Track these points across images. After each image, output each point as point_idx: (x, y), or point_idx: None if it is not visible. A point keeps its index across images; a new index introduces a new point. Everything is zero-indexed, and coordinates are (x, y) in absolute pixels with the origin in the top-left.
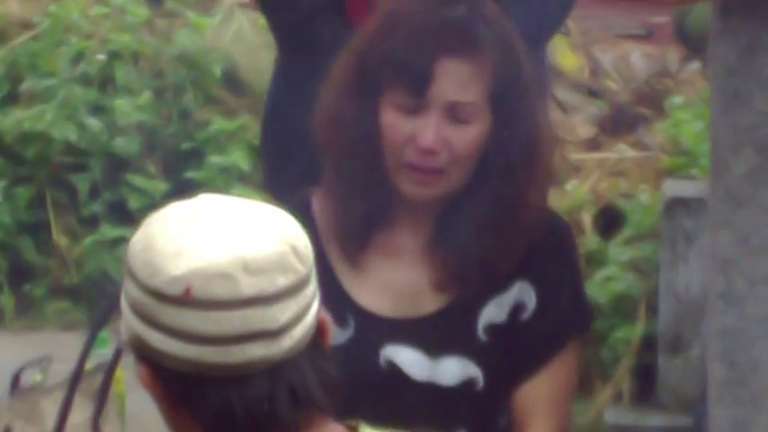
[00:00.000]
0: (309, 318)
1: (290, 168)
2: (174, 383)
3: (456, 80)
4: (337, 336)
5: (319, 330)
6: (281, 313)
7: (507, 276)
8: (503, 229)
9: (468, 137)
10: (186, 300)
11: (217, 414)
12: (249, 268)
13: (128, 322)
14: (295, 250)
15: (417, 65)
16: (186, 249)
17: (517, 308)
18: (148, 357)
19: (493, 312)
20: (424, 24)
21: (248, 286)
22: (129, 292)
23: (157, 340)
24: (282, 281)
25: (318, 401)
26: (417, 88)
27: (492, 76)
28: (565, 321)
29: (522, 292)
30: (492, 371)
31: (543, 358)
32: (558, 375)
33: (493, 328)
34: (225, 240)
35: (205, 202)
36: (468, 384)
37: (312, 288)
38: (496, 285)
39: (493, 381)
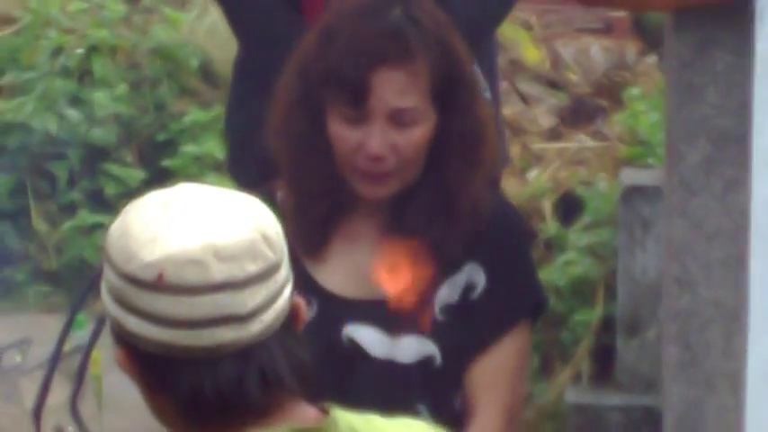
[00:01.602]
0: (281, 303)
1: (250, 156)
2: (150, 366)
3: (394, 88)
4: (305, 312)
5: (293, 314)
6: (250, 298)
7: (458, 259)
8: (450, 216)
9: (412, 139)
10: (159, 285)
11: (189, 395)
12: (220, 255)
13: (106, 307)
14: (266, 238)
15: (355, 77)
16: (160, 236)
17: (468, 288)
18: (126, 341)
19: (447, 293)
20: (358, 37)
21: (219, 272)
22: (107, 277)
23: (133, 324)
24: (252, 267)
25: (288, 384)
26: (358, 100)
27: (430, 78)
28: (514, 302)
29: (473, 273)
30: (448, 349)
31: (493, 336)
32: (508, 354)
33: (447, 308)
34: (197, 228)
35: (180, 191)
36: (425, 362)
37: (284, 274)
38: (449, 269)
39: (449, 358)
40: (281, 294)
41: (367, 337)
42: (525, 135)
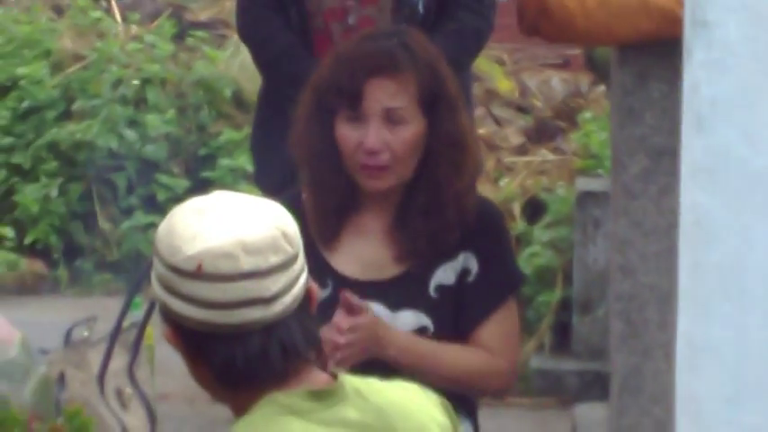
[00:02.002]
0: (297, 288)
1: (271, 169)
2: (191, 340)
3: (386, 92)
4: (319, 295)
5: (308, 297)
6: (273, 284)
7: (453, 248)
8: (443, 212)
9: (404, 136)
10: (198, 274)
11: (223, 364)
12: (248, 249)
13: (155, 292)
14: (285, 234)
15: (353, 84)
16: (199, 234)
17: (463, 273)
18: (171, 319)
19: (442, 276)
20: (357, 55)
21: (247, 263)
22: (156, 268)
23: (177, 306)
24: (274, 259)
25: (304, 354)
26: (355, 102)
27: (417, 88)
28: (502, 281)
29: (467, 261)
30: (440, 321)
31: (489, 308)
32: (506, 320)
33: (442, 288)
34: (229, 227)
35: (215, 198)
36: (420, 331)
37: (300, 264)
38: (443, 255)
39: (441, 328)
40: (297, 281)
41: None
42: (498, 150)
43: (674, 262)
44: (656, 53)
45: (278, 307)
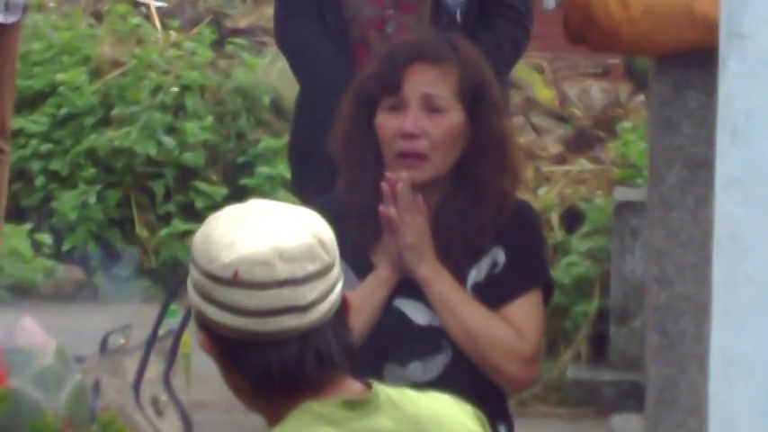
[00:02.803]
0: (333, 296)
1: (310, 177)
2: (226, 348)
3: (426, 78)
4: (354, 304)
5: (343, 307)
6: (309, 292)
7: (486, 246)
8: (482, 213)
9: (443, 125)
10: (235, 281)
11: (258, 372)
12: (284, 256)
13: (191, 299)
14: (321, 242)
15: (393, 70)
16: (235, 242)
17: (492, 266)
18: (207, 327)
19: (475, 274)
20: (400, 44)
21: (283, 270)
22: (192, 275)
23: (213, 313)
24: (310, 267)
25: (339, 363)
26: (395, 88)
27: (458, 80)
28: (528, 273)
29: (496, 255)
30: None
31: (514, 294)
32: (530, 309)
33: (476, 287)
34: (265, 234)
35: (251, 206)
36: None
37: (336, 272)
38: (478, 256)
39: None
40: (333, 289)
41: (413, 308)
42: (537, 159)
43: (710, 274)
44: (693, 63)
45: (314, 315)
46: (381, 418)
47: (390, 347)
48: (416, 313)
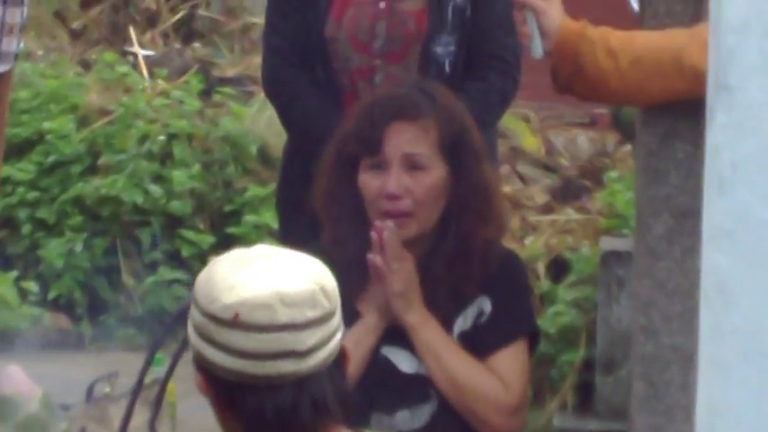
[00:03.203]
0: (332, 344)
1: (297, 227)
2: (223, 389)
3: (406, 137)
4: (352, 355)
5: (341, 356)
6: (308, 338)
7: (472, 296)
8: (468, 263)
9: (425, 183)
10: (235, 323)
11: (252, 415)
12: (285, 301)
13: (190, 338)
14: (323, 290)
15: (373, 130)
16: (237, 284)
17: (478, 315)
18: (204, 368)
19: (462, 322)
20: (377, 101)
21: (284, 315)
22: (192, 315)
23: (211, 354)
24: (311, 313)
25: (334, 411)
26: (375, 148)
27: (438, 134)
28: (514, 323)
29: (482, 304)
30: None
31: (500, 343)
32: (516, 358)
33: (463, 335)
34: (268, 278)
35: (256, 250)
36: None
37: (336, 321)
38: (464, 305)
39: None
40: (333, 337)
41: (399, 357)
42: (523, 209)
43: (696, 323)
44: (680, 114)
45: (312, 361)
46: None
47: (377, 396)
48: (403, 362)
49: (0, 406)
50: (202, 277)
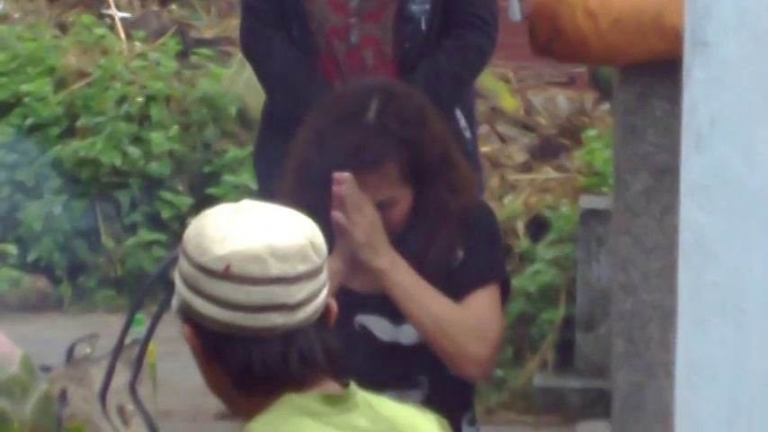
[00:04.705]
0: (320, 299)
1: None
2: (211, 341)
3: (369, 187)
4: (335, 311)
5: (327, 311)
6: (298, 292)
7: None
8: (446, 233)
9: (394, 216)
10: (227, 274)
11: (240, 367)
12: (277, 254)
13: (178, 291)
14: (313, 245)
15: (337, 184)
16: (229, 236)
17: (451, 263)
18: (193, 319)
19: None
20: (338, 149)
21: (275, 268)
22: (181, 267)
23: (200, 305)
24: (302, 267)
25: (321, 364)
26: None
27: (399, 173)
28: (486, 267)
29: (457, 254)
30: None
31: (472, 286)
32: (488, 298)
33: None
34: (260, 232)
35: (246, 204)
36: (424, 343)
37: (324, 276)
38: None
39: None
40: (320, 292)
41: (376, 324)
42: (503, 168)
43: (675, 280)
44: (657, 72)
45: (301, 315)
46: (358, 416)
47: (360, 368)
48: (380, 329)
49: None
50: (193, 229)
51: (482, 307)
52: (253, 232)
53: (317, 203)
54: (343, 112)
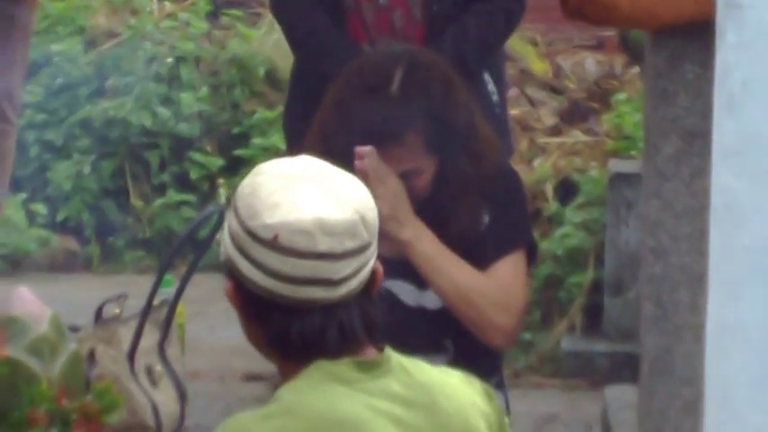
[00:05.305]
0: (365, 272)
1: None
2: (251, 302)
3: (393, 159)
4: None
5: (373, 278)
6: (343, 268)
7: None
8: (470, 202)
9: (419, 184)
10: (274, 244)
11: (277, 333)
12: (325, 230)
13: (225, 246)
14: (364, 220)
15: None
16: (281, 204)
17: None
18: (236, 278)
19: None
20: (362, 123)
21: (323, 243)
22: (230, 223)
23: (245, 268)
24: (349, 243)
25: (361, 336)
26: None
27: (423, 143)
28: (512, 233)
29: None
30: None
31: (498, 254)
32: (515, 265)
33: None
34: (312, 203)
35: (305, 167)
36: (448, 308)
37: (372, 250)
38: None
39: None
40: (366, 265)
41: (402, 289)
42: (532, 131)
43: (705, 244)
44: (689, 35)
45: (343, 290)
46: (391, 381)
47: (388, 333)
48: (406, 293)
49: (10, 326)
50: (247, 186)
51: (507, 276)
52: (305, 203)
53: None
54: (366, 84)
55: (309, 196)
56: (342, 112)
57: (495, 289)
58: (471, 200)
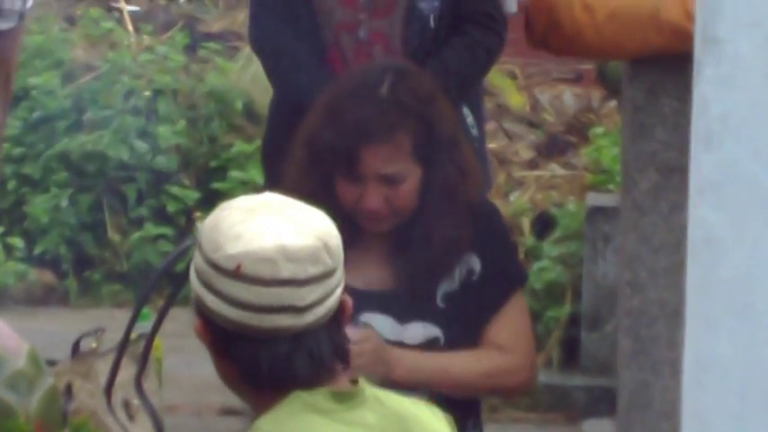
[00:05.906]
0: (331, 300)
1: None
2: (219, 337)
3: (380, 158)
4: (351, 309)
5: (341, 310)
6: (308, 294)
7: (454, 260)
8: (450, 221)
9: (403, 193)
10: (237, 274)
11: (248, 365)
12: (288, 256)
13: (192, 283)
14: (327, 246)
15: (347, 152)
16: (242, 235)
17: (468, 274)
18: (203, 314)
19: (446, 285)
20: (350, 119)
21: (286, 270)
22: (196, 260)
23: (211, 301)
24: (313, 270)
25: (329, 366)
26: (351, 168)
27: (411, 146)
28: (506, 277)
29: (470, 262)
30: (450, 329)
31: (496, 306)
32: (514, 316)
33: (448, 296)
34: (273, 232)
35: (265, 200)
36: (431, 342)
37: (338, 277)
38: (449, 267)
39: (452, 337)
40: (333, 293)
41: (379, 322)
42: (509, 165)
43: (683, 278)
44: (667, 69)
45: (309, 317)
46: (366, 412)
47: None
48: (385, 328)
49: None
50: (209, 223)
51: (510, 335)
52: (266, 232)
53: (328, 176)
54: (356, 86)
55: (271, 226)
56: (331, 112)
57: (497, 360)
58: (455, 217)
